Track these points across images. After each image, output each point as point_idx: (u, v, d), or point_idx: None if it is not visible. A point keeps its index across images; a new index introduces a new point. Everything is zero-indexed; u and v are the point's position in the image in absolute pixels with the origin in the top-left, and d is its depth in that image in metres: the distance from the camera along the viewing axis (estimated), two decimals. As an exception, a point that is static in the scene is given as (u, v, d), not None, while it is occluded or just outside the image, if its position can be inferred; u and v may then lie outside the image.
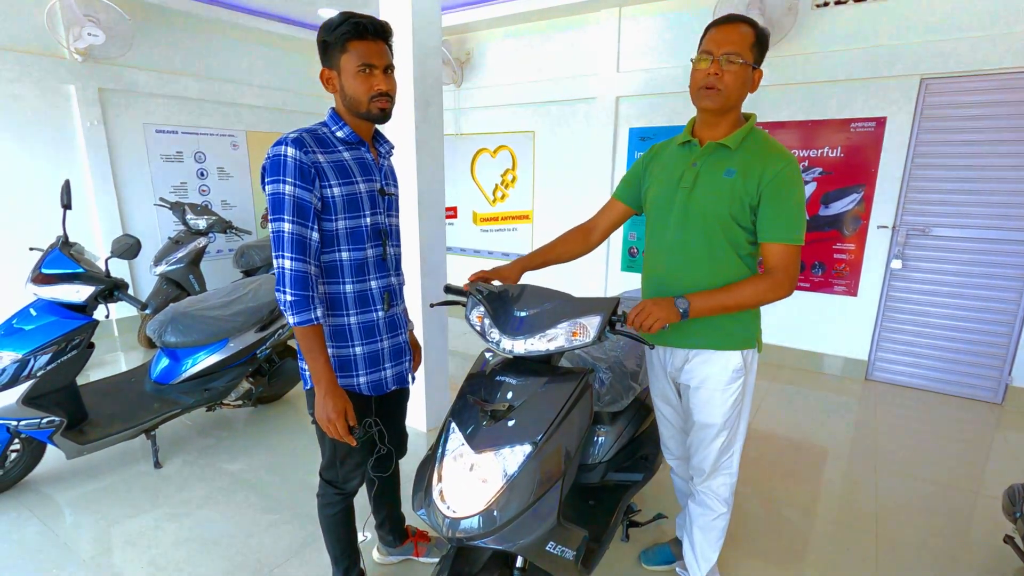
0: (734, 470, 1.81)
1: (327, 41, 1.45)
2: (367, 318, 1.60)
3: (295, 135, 1.43)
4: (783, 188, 1.48)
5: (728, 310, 1.53)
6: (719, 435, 1.72)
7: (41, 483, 2.70)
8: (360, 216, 1.53)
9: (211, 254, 5.38)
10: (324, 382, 1.47)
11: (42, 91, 4.29)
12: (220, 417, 3.43)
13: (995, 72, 3.42)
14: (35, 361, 2.42)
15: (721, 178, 1.54)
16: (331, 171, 1.46)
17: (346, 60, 1.44)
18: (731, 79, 1.47)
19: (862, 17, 3.73)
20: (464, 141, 5.86)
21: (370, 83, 1.46)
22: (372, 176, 1.57)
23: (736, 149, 1.55)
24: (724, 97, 1.49)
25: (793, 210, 1.49)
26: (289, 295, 1.41)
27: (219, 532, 2.36)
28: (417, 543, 2.18)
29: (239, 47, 5.52)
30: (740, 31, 1.46)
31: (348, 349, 1.59)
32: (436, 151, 3.00)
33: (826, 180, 4.03)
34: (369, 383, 1.64)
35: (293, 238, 1.40)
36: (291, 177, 1.39)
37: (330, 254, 1.52)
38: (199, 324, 2.89)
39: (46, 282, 2.52)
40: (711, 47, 1.48)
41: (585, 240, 1.91)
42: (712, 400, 1.69)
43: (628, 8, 4.57)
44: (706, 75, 1.48)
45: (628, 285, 5.00)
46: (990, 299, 3.67)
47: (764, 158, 1.50)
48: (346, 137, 1.53)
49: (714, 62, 1.47)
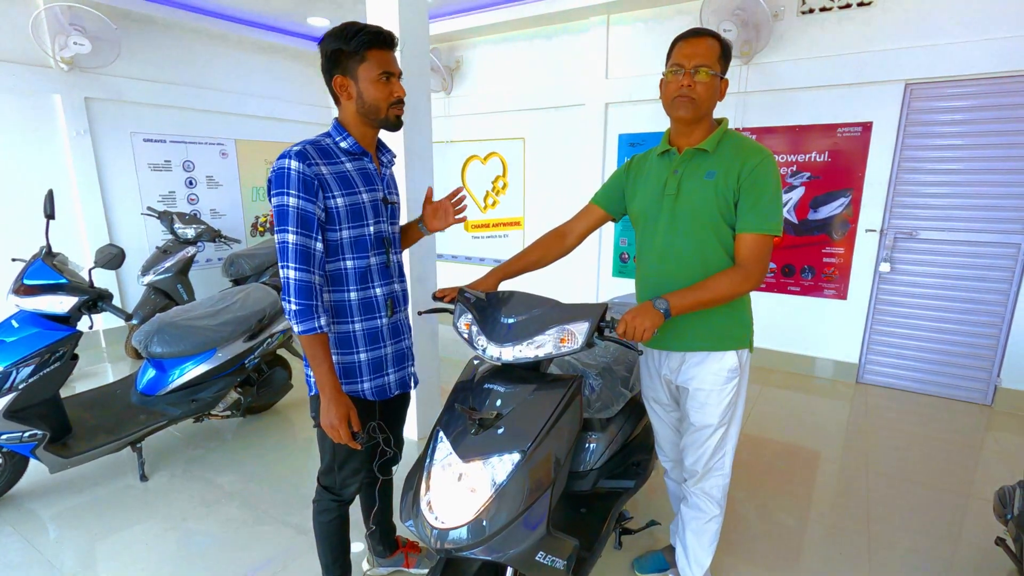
0: (727, 471, 1.82)
1: (342, 50, 1.46)
2: (371, 325, 1.62)
3: (299, 148, 1.45)
4: (759, 181, 1.53)
5: (706, 304, 1.55)
6: (713, 435, 1.74)
7: (24, 498, 2.65)
8: (364, 225, 1.55)
9: (200, 263, 5.34)
10: (328, 388, 1.49)
11: (27, 100, 4.25)
12: (208, 428, 3.39)
13: (978, 77, 3.46)
14: (17, 373, 2.38)
15: (703, 180, 1.60)
16: (334, 182, 1.48)
17: (365, 68, 1.47)
18: (703, 89, 1.54)
19: (846, 23, 3.78)
20: (454, 148, 5.86)
21: (389, 90, 1.50)
22: (375, 185, 1.59)
23: (714, 152, 1.61)
24: (697, 106, 1.56)
25: (768, 201, 1.54)
26: (294, 304, 1.44)
27: (206, 545, 2.33)
28: (408, 554, 2.16)
29: (228, 56, 5.50)
30: (707, 44, 1.54)
31: (353, 356, 1.61)
32: (425, 158, 3.00)
33: (814, 185, 4.06)
34: (373, 388, 1.66)
35: (297, 249, 1.43)
36: (295, 189, 1.41)
37: (335, 263, 1.54)
38: (186, 334, 2.86)
39: (28, 293, 2.48)
40: (682, 60, 1.55)
41: (560, 244, 1.93)
42: (708, 401, 1.71)
43: (616, 15, 4.60)
44: (679, 86, 1.55)
45: (619, 290, 4.99)
46: (978, 301, 3.70)
47: (741, 155, 1.56)
48: (349, 148, 1.55)
49: (686, 74, 1.54)
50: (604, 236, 5.06)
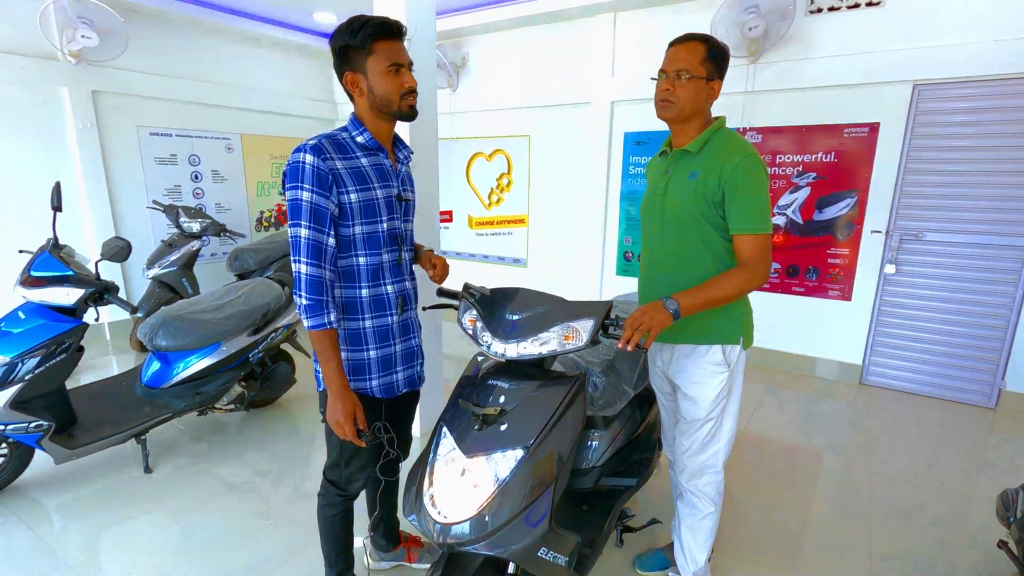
0: (719, 468, 1.84)
1: (349, 45, 1.44)
2: (382, 322, 1.62)
3: (314, 142, 1.44)
4: (741, 180, 1.56)
5: (715, 303, 1.56)
6: (700, 429, 1.77)
7: (29, 488, 2.66)
8: (377, 221, 1.54)
9: (205, 257, 5.35)
10: (335, 385, 1.49)
11: (34, 93, 4.26)
12: (212, 421, 3.40)
13: (987, 79, 3.44)
14: (23, 365, 2.39)
15: (686, 181, 1.65)
16: (348, 177, 1.47)
17: (373, 61, 1.45)
18: (683, 93, 1.60)
19: (855, 23, 3.76)
20: (460, 145, 5.86)
21: (400, 81, 1.49)
22: (390, 182, 1.58)
23: (698, 152, 1.65)
24: (678, 109, 1.62)
25: (754, 201, 1.56)
26: (305, 299, 1.44)
27: (210, 537, 2.34)
28: (410, 548, 2.17)
29: (234, 50, 5.51)
30: (690, 48, 1.60)
31: (362, 353, 1.61)
32: (430, 155, 3.00)
33: (820, 185, 4.04)
34: (381, 386, 1.65)
35: (309, 243, 1.42)
36: (309, 184, 1.41)
37: (347, 259, 1.54)
38: (191, 327, 2.87)
39: (35, 285, 2.49)
40: (665, 66, 1.63)
41: None
42: (695, 394, 1.75)
43: (623, 13, 4.59)
44: (662, 91, 1.63)
45: (623, 289, 4.99)
46: (983, 303, 3.68)
47: (723, 156, 1.59)
48: (366, 143, 1.54)
49: (667, 79, 1.62)
50: (608, 235, 5.06)
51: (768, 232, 1.58)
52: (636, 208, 4.86)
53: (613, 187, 4.95)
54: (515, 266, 5.80)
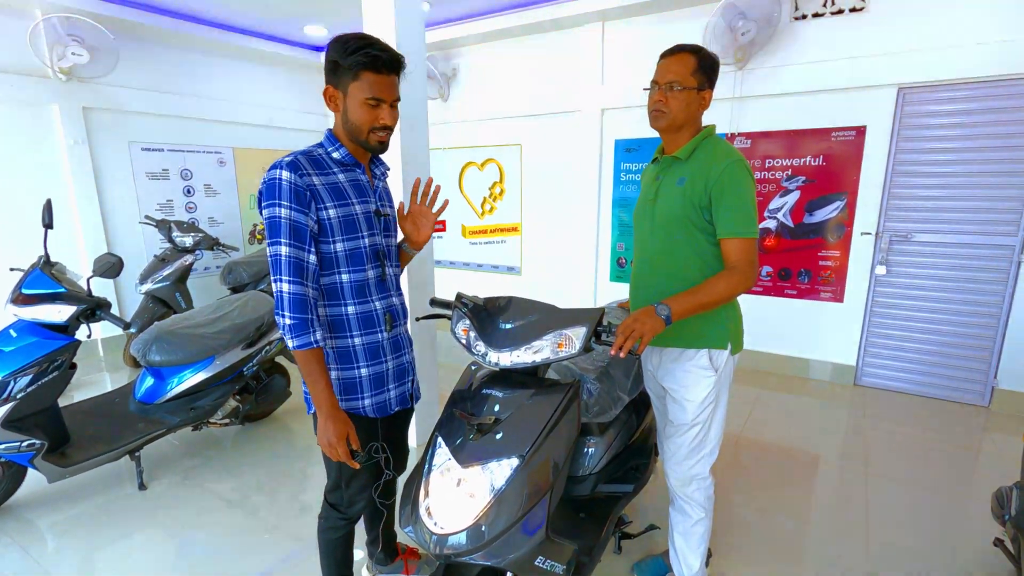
0: (706, 474, 1.85)
1: (338, 62, 1.43)
2: (372, 339, 1.59)
3: (290, 158, 1.43)
4: (727, 185, 1.58)
5: (705, 307, 1.58)
6: (687, 433, 1.78)
7: (22, 508, 2.64)
8: (359, 237, 1.52)
9: (198, 271, 5.34)
10: (325, 406, 1.45)
11: (25, 110, 4.26)
12: (207, 436, 3.38)
13: (970, 80, 3.49)
14: (15, 383, 2.37)
15: (675, 187, 1.68)
16: (326, 193, 1.45)
17: (355, 88, 1.43)
18: (675, 103, 1.64)
19: (839, 29, 3.81)
20: (451, 155, 5.88)
21: (375, 115, 1.46)
22: (368, 197, 1.56)
23: (687, 159, 1.68)
24: (670, 119, 1.66)
25: (739, 205, 1.58)
26: (288, 318, 1.40)
27: (206, 554, 2.32)
28: (407, 560, 2.15)
29: (225, 65, 5.52)
30: (681, 60, 1.64)
31: (353, 371, 1.58)
32: (422, 165, 3.02)
33: (809, 188, 4.08)
34: (374, 405, 1.62)
35: (290, 261, 1.39)
36: (286, 200, 1.39)
37: (330, 276, 1.51)
38: (184, 342, 2.86)
39: (27, 302, 2.48)
40: (657, 77, 1.67)
41: None
42: (681, 398, 1.76)
43: (611, 22, 4.64)
44: (655, 102, 1.67)
45: (617, 295, 5.01)
46: (974, 303, 3.72)
47: (709, 162, 1.62)
48: (342, 159, 1.52)
49: (659, 90, 1.66)
50: (601, 241, 5.08)
51: (754, 236, 1.60)
52: (629, 214, 4.89)
53: (605, 194, 4.98)
54: (509, 274, 5.81)
